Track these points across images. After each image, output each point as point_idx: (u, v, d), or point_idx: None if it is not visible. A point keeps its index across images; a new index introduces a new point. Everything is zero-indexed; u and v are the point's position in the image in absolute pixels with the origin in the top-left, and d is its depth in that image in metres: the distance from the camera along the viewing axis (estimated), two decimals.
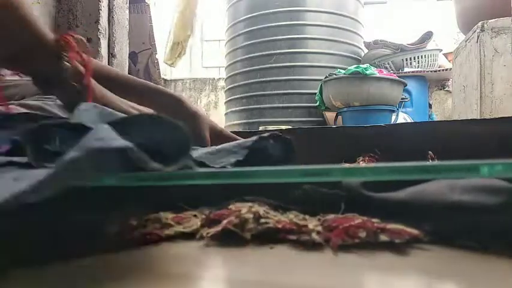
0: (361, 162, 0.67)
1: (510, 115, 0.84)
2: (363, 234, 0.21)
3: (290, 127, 1.46)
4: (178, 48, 3.14)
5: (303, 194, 0.30)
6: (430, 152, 0.61)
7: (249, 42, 2.19)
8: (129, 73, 1.35)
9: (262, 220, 0.22)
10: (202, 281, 0.16)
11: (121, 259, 0.19)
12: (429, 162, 0.36)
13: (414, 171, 0.23)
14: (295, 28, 2.09)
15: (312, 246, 0.20)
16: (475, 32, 1.45)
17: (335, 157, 0.68)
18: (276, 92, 2.10)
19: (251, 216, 0.22)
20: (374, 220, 0.24)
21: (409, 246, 0.21)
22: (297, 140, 0.73)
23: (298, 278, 0.16)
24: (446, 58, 2.32)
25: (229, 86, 2.34)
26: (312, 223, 0.24)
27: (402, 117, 1.92)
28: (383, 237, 0.21)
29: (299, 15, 2.10)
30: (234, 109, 2.28)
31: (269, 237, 0.22)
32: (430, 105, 2.24)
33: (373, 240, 0.21)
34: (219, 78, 3.32)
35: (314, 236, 0.21)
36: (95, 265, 0.18)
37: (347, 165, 0.62)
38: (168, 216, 0.26)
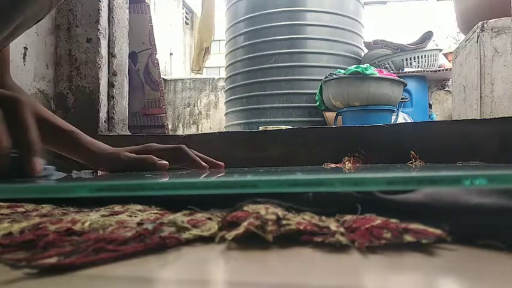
0: (347, 162, 0.67)
1: (510, 115, 0.84)
2: (387, 234, 0.21)
3: (290, 127, 1.45)
4: (204, 53, 3.18)
5: (315, 195, 0.29)
6: (412, 152, 0.61)
7: (249, 42, 2.19)
8: (129, 73, 1.34)
9: (284, 221, 0.22)
10: (236, 287, 0.16)
11: (143, 266, 0.18)
12: (413, 173, 0.35)
13: (397, 182, 0.22)
14: (295, 28, 2.09)
15: (337, 248, 0.20)
16: (475, 32, 1.46)
17: (335, 156, 0.68)
18: (276, 92, 2.10)
19: (273, 217, 0.21)
20: (393, 220, 0.23)
21: (433, 246, 0.21)
22: (296, 140, 0.73)
23: (333, 280, 0.16)
24: (446, 58, 2.33)
25: (229, 86, 2.34)
26: (332, 224, 0.23)
27: (402, 117, 1.92)
28: (408, 238, 0.20)
29: (299, 15, 2.10)
30: (234, 109, 2.27)
31: (290, 238, 0.21)
32: (430, 105, 2.24)
33: (398, 241, 0.20)
34: (219, 78, 3.32)
35: (340, 237, 0.20)
36: (117, 273, 0.17)
37: (332, 165, 0.62)
38: (183, 219, 0.25)
